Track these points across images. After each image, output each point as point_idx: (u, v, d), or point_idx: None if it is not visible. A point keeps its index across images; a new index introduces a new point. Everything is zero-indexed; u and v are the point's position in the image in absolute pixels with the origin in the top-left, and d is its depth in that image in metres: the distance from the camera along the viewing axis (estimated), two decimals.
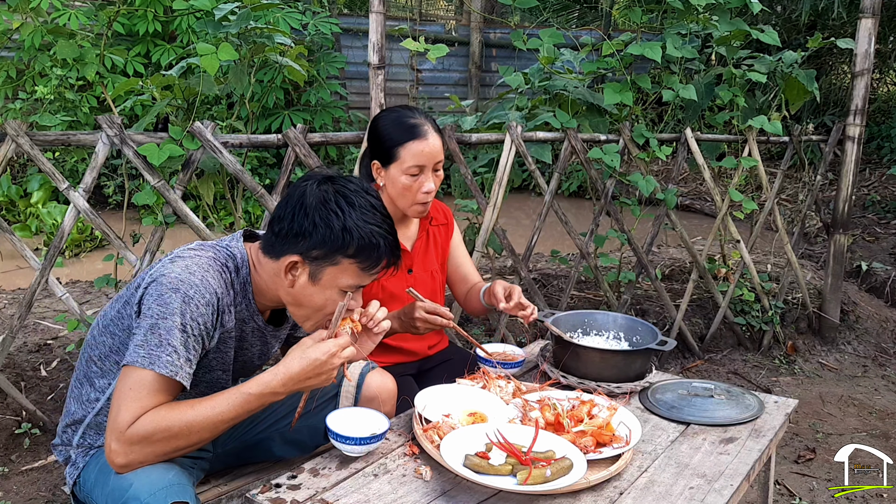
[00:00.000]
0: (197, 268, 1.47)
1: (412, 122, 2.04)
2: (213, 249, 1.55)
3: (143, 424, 1.38)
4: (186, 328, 1.43)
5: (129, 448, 1.38)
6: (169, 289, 1.42)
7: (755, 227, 4.16)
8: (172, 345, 1.41)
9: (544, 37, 3.46)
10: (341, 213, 1.48)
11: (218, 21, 2.76)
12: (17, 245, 2.55)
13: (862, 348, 4.28)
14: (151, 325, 1.41)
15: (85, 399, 1.61)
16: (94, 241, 5.85)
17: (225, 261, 1.55)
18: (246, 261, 1.58)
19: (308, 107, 7.23)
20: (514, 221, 6.68)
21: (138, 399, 1.38)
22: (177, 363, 1.41)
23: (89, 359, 1.61)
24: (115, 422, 1.38)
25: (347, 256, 1.49)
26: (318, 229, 1.48)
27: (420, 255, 2.23)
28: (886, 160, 8.37)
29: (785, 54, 3.81)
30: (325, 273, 1.51)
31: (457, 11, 10.61)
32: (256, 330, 1.67)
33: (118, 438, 1.38)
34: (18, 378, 2.95)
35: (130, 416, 1.37)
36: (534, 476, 1.43)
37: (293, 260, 1.50)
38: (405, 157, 2.02)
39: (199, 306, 1.44)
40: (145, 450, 1.39)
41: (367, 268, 1.52)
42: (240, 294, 1.58)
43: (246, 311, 1.62)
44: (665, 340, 1.99)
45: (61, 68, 5.29)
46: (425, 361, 2.29)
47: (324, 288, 1.52)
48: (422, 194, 2.05)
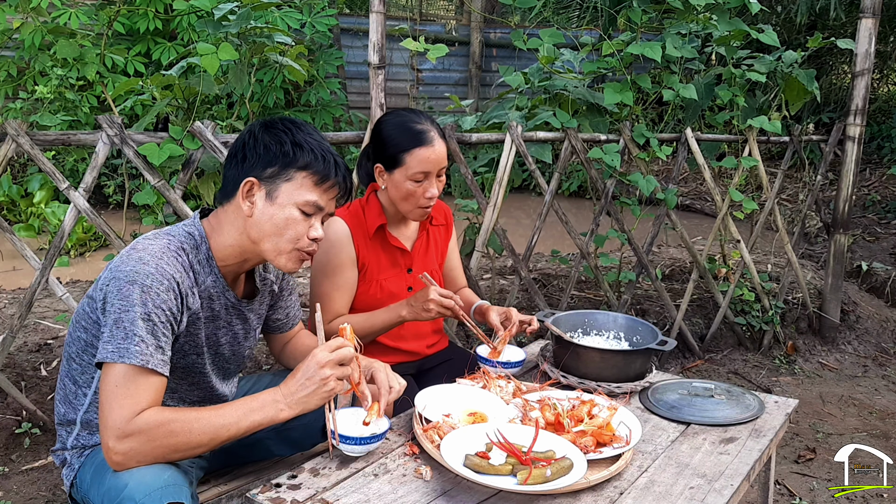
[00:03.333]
0: (150, 257, 1.47)
1: (419, 127, 2.03)
2: (167, 236, 1.56)
3: (145, 418, 1.37)
4: (151, 316, 1.43)
5: (127, 442, 1.37)
6: (126, 282, 1.43)
7: (755, 226, 4.16)
8: (139, 335, 1.41)
9: (544, 36, 3.46)
10: (290, 132, 1.57)
11: (218, 21, 2.76)
12: (17, 245, 2.55)
13: (862, 348, 4.28)
14: (115, 319, 1.42)
15: (72, 398, 1.62)
16: (98, 240, 5.85)
17: (181, 244, 1.56)
18: (205, 236, 1.60)
19: (308, 107, 7.23)
20: (515, 221, 6.68)
21: (127, 395, 1.39)
22: (146, 352, 1.41)
23: (69, 357, 1.61)
24: (109, 419, 1.38)
25: (300, 169, 1.55)
26: (269, 149, 1.56)
27: (420, 255, 2.23)
28: (887, 160, 8.37)
29: (785, 54, 3.81)
30: (281, 190, 1.55)
31: (457, 11, 10.62)
32: (231, 307, 1.66)
33: (114, 435, 1.37)
34: (19, 378, 2.95)
35: (125, 412, 1.37)
36: (534, 476, 1.43)
37: (249, 181, 1.55)
38: (411, 163, 2.01)
39: (159, 293, 1.45)
40: (144, 446, 1.38)
41: (320, 180, 1.56)
42: (203, 272, 1.59)
43: (214, 288, 1.61)
44: (665, 340, 1.99)
45: (62, 68, 5.30)
46: (425, 361, 2.29)
47: (282, 206, 1.55)
48: (425, 199, 2.05)
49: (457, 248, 2.42)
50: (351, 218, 2.12)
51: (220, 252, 1.61)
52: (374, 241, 2.13)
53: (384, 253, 2.16)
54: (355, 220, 2.12)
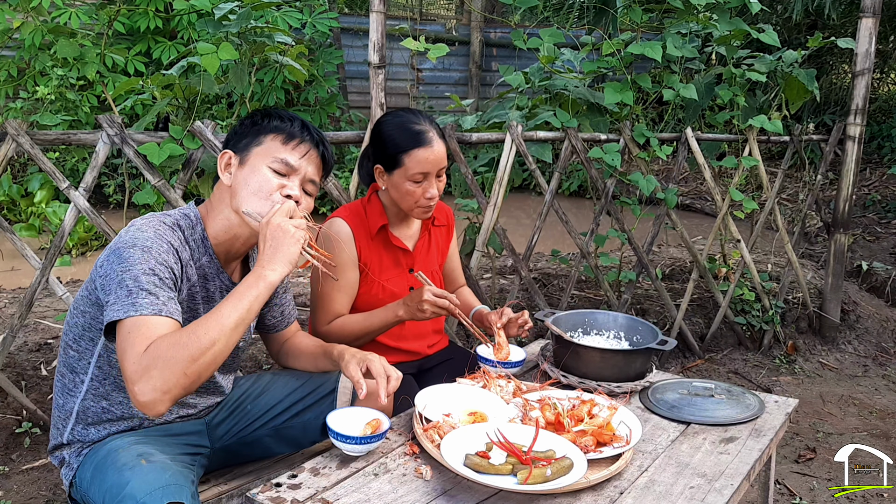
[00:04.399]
0: (148, 227, 1.51)
1: (417, 128, 2.03)
2: (163, 214, 1.60)
3: (152, 348, 1.34)
4: (156, 271, 1.44)
5: (147, 376, 1.32)
6: (126, 247, 1.45)
7: (755, 226, 4.16)
8: (145, 289, 1.40)
9: (545, 36, 3.46)
10: (260, 112, 1.70)
11: (218, 20, 2.76)
12: (17, 244, 2.55)
13: (862, 348, 4.28)
14: (119, 281, 1.41)
15: (70, 387, 1.61)
16: (98, 240, 5.85)
17: (177, 220, 1.60)
18: (199, 218, 1.64)
19: (308, 106, 7.23)
20: (515, 221, 6.68)
21: (140, 335, 1.35)
22: (156, 303, 1.40)
23: (66, 345, 1.62)
24: (128, 363, 1.34)
25: (268, 132, 1.64)
26: (243, 124, 1.68)
27: (421, 255, 2.23)
28: (887, 160, 8.37)
29: (785, 54, 3.81)
30: (252, 154, 1.62)
31: (457, 11, 10.62)
32: (226, 290, 1.67)
33: (134, 372, 1.33)
34: (19, 377, 2.95)
35: (139, 349, 1.34)
36: (534, 475, 1.43)
37: (225, 153, 1.64)
38: (410, 164, 2.01)
39: (160, 252, 1.47)
40: (164, 371, 1.32)
41: (287, 138, 1.63)
42: (199, 249, 1.62)
43: (209, 267, 1.64)
44: (665, 340, 1.99)
45: (62, 68, 5.29)
46: (425, 361, 2.29)
47: (254, 167, 1.60)
48: (425, 199, 2.06)
49: (457, 249, 2.42)
50: (353, 218, 2.12)
51: (213, 230, 1.64)
52: (376, 241, 2.13)
53: (386, 253, 2.16)
54: (357, 220, 2.12)
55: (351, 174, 3.77)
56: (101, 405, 1.61)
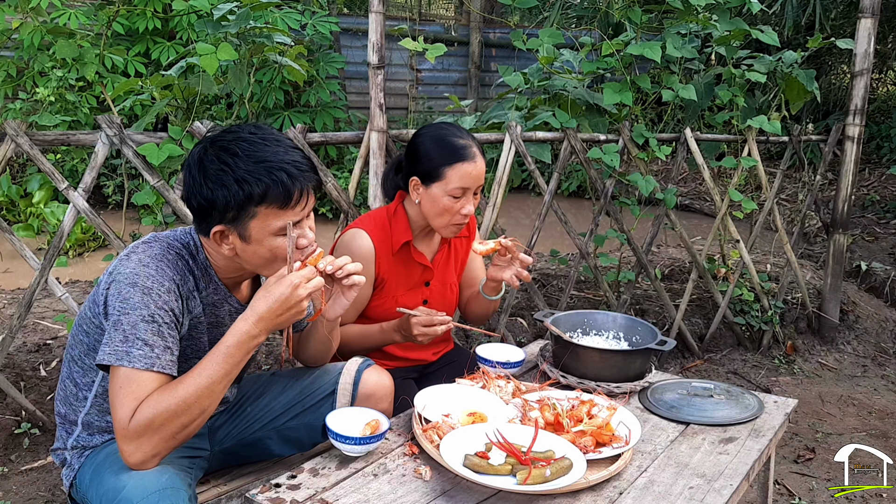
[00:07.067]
0: (150, 259, 1.48)
1: (461, 142, 2.00)
2: (165, 241, 1.56)
3: (142, 413, 1.37)
4: (155, 318, 1.43)
5: (137, 442, 1.37)
6: (127, 285, 1.43)
7: (755, 226, 4.16)
8: (141, 338, 1.41)
9: (544, 37, 3.46)
10: (228, 168, 1.46)
11: (217, 21, 2.76)
12: (16, 245, 2.55)
13: (861, 348, 4.28)
14: (115, 321, 1.42)
15: (72, 399, 1.61)
16: (97, 240, 5.84)
17: (179, 249, 1.56)
18: (200, 246, 1.59)
19: (308, 108, 7.22)
20: (514, 221, 6.67)
21: (130, 394, 1.38)
22: (150, 355, 1.40)
23: (71, 359, 1.61)
24: (118, 423, 1.38)
25: (258, 204, 1.47)
26: (216, 193, 1.47)
27: (440, 269, 2.20)
28: (886, 160, 8.37)
29: (785, 54, 3.81)
30: (251, 228, 1.50)
31: (456, 11, 10.61)
32: (235, 313, 1.65)
33: (124, 437, 1.38)
34: (18, 378, 2.95)
35: (127, 411, 1.37)
36: (533, 476, 1.43)
37: (217, 230, 1.51)
38: (452, 177, 1.98)
39: (160, 294, 1.45)
40: (153, 438, 1.38)
41: (283, 204, 1.48)
42: (203, 278, 1.59)
43: (216, 295, 1.62)
44: (665, 340, 1.99)
45: (61, 68, 5.29)
46: (429, 366, 2.29)
47: (258, 242, 1.51)
48: (460, 216, 2.02)
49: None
50: (377, 231, 2.07)
51: (216, 265, 1.61)
52: (398, 256, 2.10)
53: (405, 269, 2.12)
54: (382, 234, 2.07)
55: (350, 174, 3.77)
56: (105, 419, 1.61)
